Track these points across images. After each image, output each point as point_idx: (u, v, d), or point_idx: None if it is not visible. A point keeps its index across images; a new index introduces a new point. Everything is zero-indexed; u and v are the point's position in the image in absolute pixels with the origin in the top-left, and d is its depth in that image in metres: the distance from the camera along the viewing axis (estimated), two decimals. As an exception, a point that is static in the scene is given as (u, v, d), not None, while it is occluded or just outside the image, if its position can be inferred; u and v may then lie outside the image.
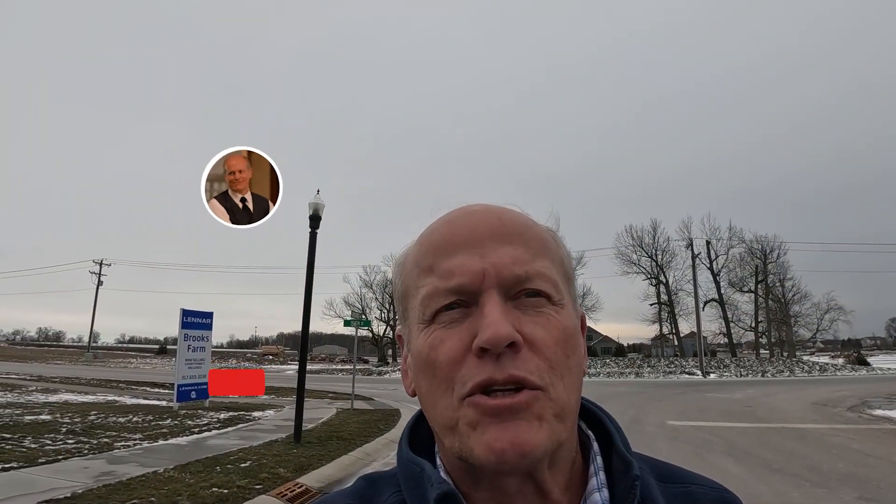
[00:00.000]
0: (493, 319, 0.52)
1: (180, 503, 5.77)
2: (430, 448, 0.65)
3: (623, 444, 0.62)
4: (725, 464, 8.50)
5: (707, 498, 0.65)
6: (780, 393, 22.24)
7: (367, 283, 65.20)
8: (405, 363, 0.65)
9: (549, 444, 0.53)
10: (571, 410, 0.56)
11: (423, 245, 0.62)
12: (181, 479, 6.65)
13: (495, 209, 0.62)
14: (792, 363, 45.30)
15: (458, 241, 0.58)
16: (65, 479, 6.53)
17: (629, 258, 57.88)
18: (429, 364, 0.56)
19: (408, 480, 0.61)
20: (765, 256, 55.32)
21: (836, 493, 6.70)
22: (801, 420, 13.84)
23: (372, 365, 59.07)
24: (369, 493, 0.65)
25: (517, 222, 0.60)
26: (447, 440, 0.56)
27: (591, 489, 0.59)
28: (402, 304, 0.64)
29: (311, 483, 6.97)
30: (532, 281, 0.56)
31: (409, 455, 0.62)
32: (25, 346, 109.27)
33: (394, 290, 0.68)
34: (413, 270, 0.62)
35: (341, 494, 0.66)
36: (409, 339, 0.62)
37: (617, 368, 44.74)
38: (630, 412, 15.43)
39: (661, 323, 59.11)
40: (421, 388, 0.59)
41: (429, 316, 0.57)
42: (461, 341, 0.54)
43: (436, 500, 0.55)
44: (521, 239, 0.58)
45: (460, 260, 0.57)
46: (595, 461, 0.61)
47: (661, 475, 0.66)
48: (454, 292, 0.56)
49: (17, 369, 36.99)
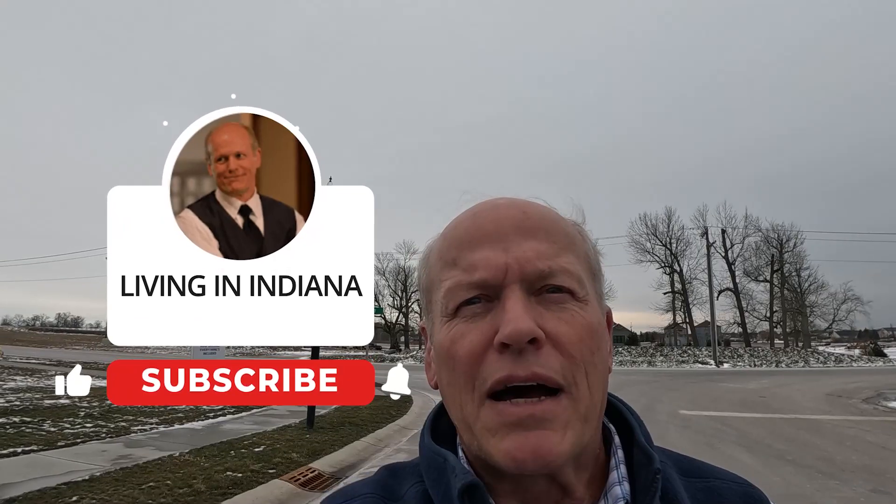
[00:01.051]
0: (514, 315, 0.52)
1: (195, 486, 5.87)
2: (452, 438, 0.65)
3: (645, 437, 0.62)
4: (737, 454, 8.47)
5: (731, 493, 0.64)
6: (795, 383, 22.08)
7: (379, 270, 65.36)
8: (429, 355, 0.66)
9: (573, 452, 0.53)
10: (596, 410, 0.56)
11: (447, 238, 0.62)
12: (196, 463, 6.77)
13: (520, 203, 0.61)
14: (807, 353, 44.91)
15: (483, 235, 0.58)
16: (83, 462, 6.67)
17: (643, 246, 57.32)
18: (450, 357, 0.56)
19: (431, 471, 0.61)
20: (781, 245, 54.63)
21: (849, 485, 6.66)
22: (814, 411, 13.74)
23: (385, 351, 59.40)
24: (391, 482, 0.65)
25: (542, 216, 0.60)
26: (466, 437, 0.57)
27: (611, 482, 0.59)
28: (426, 296, 0.64)
29: (324, 468, 7.06)
30: (555, 277, 0.56)
31: (433, 446, 0.62)
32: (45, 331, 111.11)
33: (418, 283, 0.68)
34: (437, 263, 0.62)
35: (363, 484, 0.66)
36: (432, 331, 0.62)
37: (629, 357, 44.63)
38: (642, 401, 15.40)
39: (675, 312, 58.72)
40: (442, 381, 0.59)
41: (451, 309, 0.57)
42: (483, 335, 0.54)
43: (460, 490, 0.55)
44: (546, 234, 0.58)
45: (484, 254, 0.56)
46: (616, 454, 0.61)
47: (684, 469, 0.66)
48: (477, 286, 0.56)
49: (37, 354, 37.70)
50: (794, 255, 55.03)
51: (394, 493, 0.63)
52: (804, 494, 6.29)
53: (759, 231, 55.00)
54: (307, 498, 6.06)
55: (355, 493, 0.63)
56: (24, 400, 12.51)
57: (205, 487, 5.85)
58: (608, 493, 0.58)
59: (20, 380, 18.07)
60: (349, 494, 0.64)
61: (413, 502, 0.61)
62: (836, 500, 6.04)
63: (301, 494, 6.14)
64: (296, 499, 6.00)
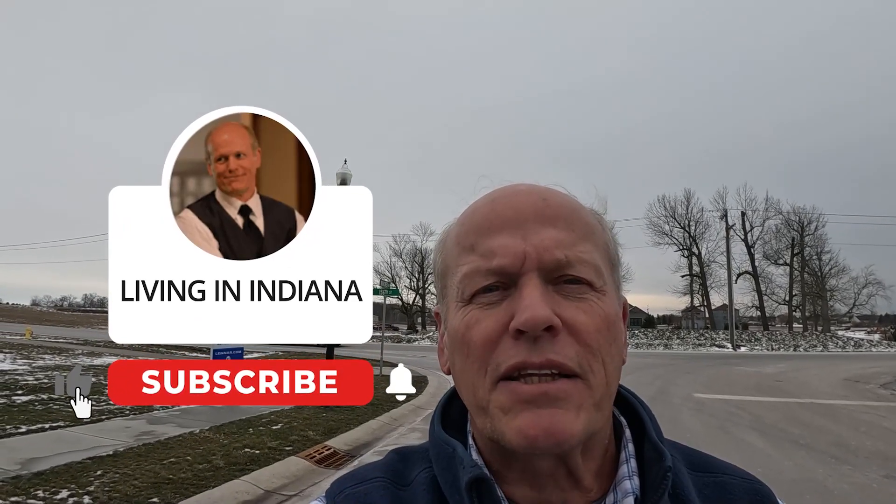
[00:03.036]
0: (530, 302, 0.52)
1: (214, 462, 6.05)
2: (462, 426, 0.65)
3: (656, 433, 0.61)
4: (750, 438, 8.47)
5: (739, 489, 0.63)
6: (812, 368, 21.91)
7: (396, 251, 65.62)
8: (442, 341, 0.65)
9: (585, 434, 0.52)
10: (610, 399, 0.56)
11: (464, 224, 0.61)
12: (216, 440, 6.96)
13: (541, 190, 0.60)
14: (825, 338, 44.45)
15: (501, 222, 0.57)
16: (108, 438, 6.89)
17: (661, 229, 56.84)
18: (464, 343, 0.56)
19: (440, 460, 0.61)
20: (802, 229, 53.80)
21: (862, 471, 6.65)
22: (831, 396, 13.65)
23: (401, 332, 59.83)
24: (400, 466, 0.65)
25: (562, 204, 0.59)
26: (479, 420, 0.56)
27: (621, 476, 0.59)
28: (442, 281, 0.64)
29: (339, 446, 7.22)
30: (573, 267, 0.55)
31: (442, 435, 0.62)
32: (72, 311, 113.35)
33: (433, 268, 0.67)
34: (454, 249, 0.61)
35: (373, 467, 0.66)
36: (447, 317, 0.62)
37: (646, 340, 44.54)
38: (657, 384, 15.42)
39: (693, 295, 58.30)
40: (455, 367, 0.59)
41: (467, 296, 0.57)
42: (498, 322, 0.54)
43: (468, 483, 0.55)
44: (566, 222, 0.57)
45: (502, 240, 0.56)
46: (627, 448, 0.61)
47: (694, 464, 0.65)
48: (494, 273, 0.55)
49: (64, 334, 38.51)
50: (815, 239, 54.25)
51: (403, 477, 0.63)
52: (815, 479, 6.29)
53: (780, 214, 54.24)
54: (322, 475, 6.21)
55: (365, 477, 0.63)
56: (51, 378, 12.86)
57: (223, 463, 6.04)
58: (618, 487, 0.58)
59: (48, 358, 18.57)
60: (359, 478, 0.64)
61: (422, 487, 0.61)
62: (848, 486, 6.03)
63: (317, 471, 6.30)
64: (311, 475, 6.16)
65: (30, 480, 5.15)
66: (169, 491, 5.07)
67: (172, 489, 5.13)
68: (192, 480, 5.43)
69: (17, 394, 10.23)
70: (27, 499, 4.69)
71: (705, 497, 0.61)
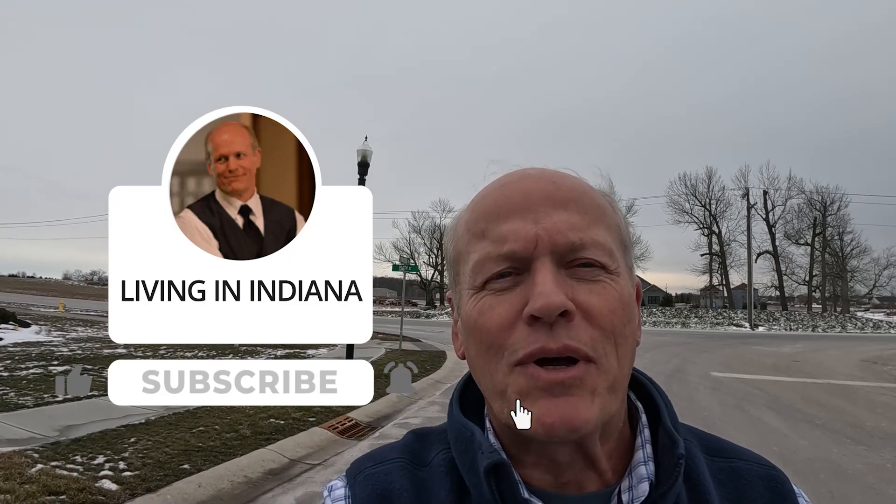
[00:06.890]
0: (544, 287, 0.51)
1: (241, 431, 6.28)
2: (479, 410, 0.65)
3: (671, 419, 0.61)
4: (766, 417, 8.52)
5: (753, 474, 0.63)
6: (830, 349, 21.76)
7: (415, 228, 65.80)
8: (455, 326, 0.65)
9: (601, 419, 0.53)
10: (624, 382, 0.56)
11: (475, 210, 0.60)
12: (242, 410, 7.18)
13: (550, 173, 0.60)
14: (844, 319, 44.00)
15: (512, 206, 0.57)
16: (139, 407, 7.15)
17: (681, 207, 56.22)
18: (478, 330, 0.56)
19: (458, 443, 0.61)
20: (824, 208, 52.85)
21: (877, 452, 6.69)
22: (848, 377, 13.61)
23: (420, 308, 60.23)
24: (418, 447, 0.66)
25: (573, 188, 0.58)
26: (496, 405, 0.56)
27: (636, 461, 0.59)
28: (454, 268, 0.63)
29: (361, 418, 7.41)
30: (586, 250, 0.54)
31: (461, 418, 0.62)
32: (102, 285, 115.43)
33: (445, 255, 0.67)
34: (465, 235, 0.60)
35: (391, 448, 0.66)
36: (459, 303, 0.62)
37: (663, 318, 44.51)
38: (674, 362, 15.47)
39: (712, 274, 57.79)
40: (470, 353, 0.59)
41: (480, 282, 0.57)
42: (512, 307, 0.53)
43: (486, 469, 0.55)
44: (577, 205, 0.56)
45: (513, 225, 0.55)
46: (642, 433, 0.61)
47: (709, 448, 0.65)
48: (506, 258, 0.55)
49: (95, 307, 39.33)
50: (838, 219, 53.35)
51: (421, 458, 0.64)
52: (829, 458, 6.35)
53: (803, 193, 53.33)
54: (345, 445, 6.42)
55: (384, 458, 0.64)
56: (85, 349, 13.28)
57: (250, 433, 6.27)
58: (633, 472, 0.58)
59: (81, 330, 19.11)
60: (377, 459, 0.65)
61: (440, 469, 0.62)
62: (861, 465, 6.09)
63: (339, 441, 6.51)
64: (334, 445, 6.37)
65: (68, 446, 5.41)
66: (199, 458, 5.30)
67: (202, 457, 5.35)
68: (221, 448, 5.66)
69: (53, 364, 10.62)
70: (66, 463, 4.93)
71: (720, 482, 0.62)
